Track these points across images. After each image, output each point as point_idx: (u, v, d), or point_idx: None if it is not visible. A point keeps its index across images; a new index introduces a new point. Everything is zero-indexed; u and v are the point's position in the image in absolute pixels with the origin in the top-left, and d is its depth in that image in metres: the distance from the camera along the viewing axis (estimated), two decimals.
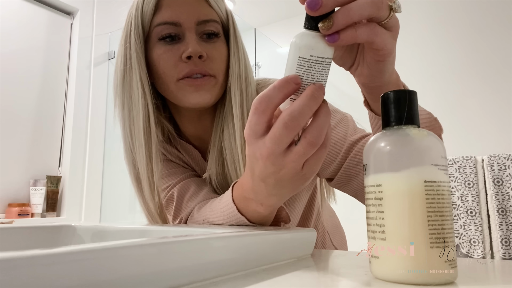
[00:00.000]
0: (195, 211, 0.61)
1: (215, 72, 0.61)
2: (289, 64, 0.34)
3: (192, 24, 0.60)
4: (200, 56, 0.59)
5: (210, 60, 0.61)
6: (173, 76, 0.60)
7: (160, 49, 0.61)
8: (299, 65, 0.33)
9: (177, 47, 0.60)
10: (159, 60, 0.61)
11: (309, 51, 0.33)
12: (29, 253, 0.18)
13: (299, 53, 0.33)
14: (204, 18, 0.61)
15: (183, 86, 0.60)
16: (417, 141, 0.29)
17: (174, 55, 0.60)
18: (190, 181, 0.67)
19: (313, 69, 0.33)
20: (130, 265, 0.23)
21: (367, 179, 0.31)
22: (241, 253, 0.32)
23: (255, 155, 0.37)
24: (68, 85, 2.10)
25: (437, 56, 2.29)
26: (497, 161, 1.92)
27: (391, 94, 0.31)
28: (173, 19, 0.60)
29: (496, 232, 1.88)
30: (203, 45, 0.61)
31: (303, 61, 0.33)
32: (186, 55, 0.58)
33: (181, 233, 0.39)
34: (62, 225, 0.54)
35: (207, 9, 0.62)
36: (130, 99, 0.62)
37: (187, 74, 0.59)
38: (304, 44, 0.33)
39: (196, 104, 0.61)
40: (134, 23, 0.61)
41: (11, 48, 1.87)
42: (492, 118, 2.08)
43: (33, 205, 1.85)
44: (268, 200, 0.42)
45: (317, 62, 0.33)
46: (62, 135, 2.06)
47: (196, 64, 0.59)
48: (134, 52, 0.61)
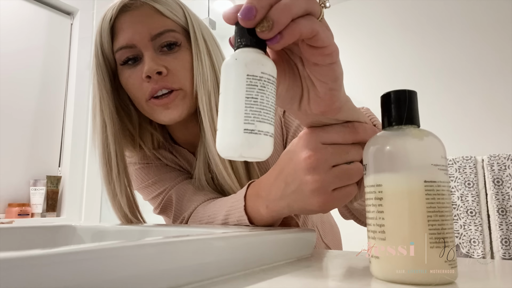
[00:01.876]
0: (200, 208, 0.60)
1: (180, 84, 0.60)
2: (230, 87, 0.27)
3: (146, 42, 0.59)
4: (159, 73, 0.58)
5: (172, 74, 0.60)
6: (141, 97, 0.61)
7: (125, 73, 0.62)
8: (249, 86, 0.27)
9: (138, 69, 0.60)
10: (127, 84, 0.62)
11: (260, 67, 0.27)
12: (29, 253, 0.18)
13: (246, 70, 0.27)
14: (157, 31, 0.60)
15: (152, 105, 0.60)
16: (417, 141, 0.29)
17: (136, 76, 0.60)
18: (187, 183, 0.67)
19: (267, 90, 0.28)
20: (130, 265, 0.23)
21: (367, 179, 0.31)
22: (241, 253, 0.32)
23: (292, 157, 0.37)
24: (68, 85, 2.10)
25: (437, 56, 2.29)
26: (497, 161, 1.92)
27: (391, 94, 0.31)
28: (127, 42, 0.60)
29: (496, 232, 1.88)
30: (163, 59, 0.60)
31: (254, 79, 0.27)
32: (144, 75, 0.58)
33: (181, 233, 0.39)
34: (62, 225, 0.54)
35: (159, 20, 0.61)
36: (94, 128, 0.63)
37: (151, 93, 0.59)
38: (251, 59, 0.27)
39: (169, 121, 0.61)
40: (96, 53, 0.63)
41: (11, 48, 1.87)
42: (492, 118, 2.08)
43: (33, 205, 1.85)
44: (276, 203, 0.42)
45: (269, 81, 0.28)
46: (62, 135, 2.06)
47: (157, 82, 0.59)
48: (96, 82, 0.62)
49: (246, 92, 0.27)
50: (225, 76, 0.28)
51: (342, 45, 2.79)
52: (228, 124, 0.27)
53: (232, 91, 0.27)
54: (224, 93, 0.28)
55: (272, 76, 0.28)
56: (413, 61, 2.35)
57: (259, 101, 0.27)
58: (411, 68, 2.35)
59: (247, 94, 0.27)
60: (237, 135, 0.27)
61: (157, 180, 0.69)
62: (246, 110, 0.27)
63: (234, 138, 0.27)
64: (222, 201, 0.55)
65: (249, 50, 0.28)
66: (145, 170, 0.71)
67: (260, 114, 0.27)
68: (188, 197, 0.64)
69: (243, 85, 0.27)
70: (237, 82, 0.27)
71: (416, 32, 2.38)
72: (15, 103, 1.86)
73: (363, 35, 2.56)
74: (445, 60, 2.27)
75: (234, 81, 0.27)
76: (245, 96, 0.27)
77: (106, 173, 0.61)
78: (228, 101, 0.27)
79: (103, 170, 0.62)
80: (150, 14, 0.60)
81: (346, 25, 2.64)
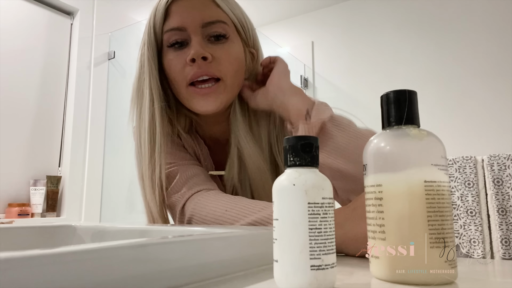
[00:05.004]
0: (212, 195, 0.60)
1: (221, 74, 0.61)
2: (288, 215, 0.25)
3: (197, 27, 0.61)
4: (205, 58, 0.59)
5: (216, 62, 0.61)
6: (182, 81, 0.62)
7: (169, 55, 0.63)
8: (312, 215, 0.24)
9: (184, 52, 0.61)
10: (169, 66, 0.63)
11: (320, 192, 0.25)
12: (29, 253, 0.18)
13: (307, 198, 0.25)
14: (209, 19, 0.61)
15: (192, 93, 0.61)
16: (417, 141, 0.29)
17: (181, 59, 0.61)
18: (197, 167, 0.67)
19: (329, 216, 0.25)
20: (130, 265, 0.23)
21: (367, 179, 0.31)
22: (241, 253, 0.32)
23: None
24: (68, 85, 2.10)
25: (437, 56, 2.29)
26: (497, 161, 1.92)
27: (391, 94, 0.31)
28: (178, 24, 0.61)
29: (496, 232, 1.87)
30: (209, 47, 0.61)
31: (316, 207, 0.25)
32: (189, 58, 0.59)
33: (181, 233, 0.39)
34: (62, 225, 0.54)
35: (213, 10, 0.62)
36: (141, 103, 0.64)
37: (193, 77, 0.60)
38: (312, 185, 0.25)
39: (205, 111, 0.62)
40: (148, 32, 0.64)
41: (11, 48, 1.87)
42: (492, 118, 2.08)
43: (33, 205, 1.85)
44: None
45: (330, 206, 0.26)
46: (62, 135, 2.06)
47: (200, 66, 0.60)
48: (146, 59, 0.63)
49: (309, 222, 0.24)
50: (281, 201, 0.25)
51: (343, 45, 2.77)
52: (291, 258, 0.25)
53: (291, 221, 0.25)
54: (282, 221, 0.25)
55: (331, 199, 0.26)
56: (413, 61, 2.35)
57: (322, 231, 0.25)
58: (411, 68, 2.34)
59: (310, 225, 0.24)
60: (304, 274, 0.24)
61: (169, 151, 0.67)
62: (311, 243, 0.24)
63: (301, 277, 0.24)
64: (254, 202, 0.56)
65: (305, 171, 0.26)
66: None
67: (325, 245, 0.25)
68: (196, 180, 0.64)
69: (305, 215, 0.24)
70: (297, 211, 0.25)
71: (416, 32, 2.37)
72: (15, 103, 1.86)
73: (363, 35, 2.56)
74: (445, 60, 2.27)
75: (294, 209, 0.25)
76: (308, 228, 0.24)
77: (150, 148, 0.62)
78: (288, 232, 0.25)
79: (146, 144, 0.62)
80: (206, 3, 0.62)
81: (346, 25, 2.64)
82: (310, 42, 2.74)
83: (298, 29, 2.83)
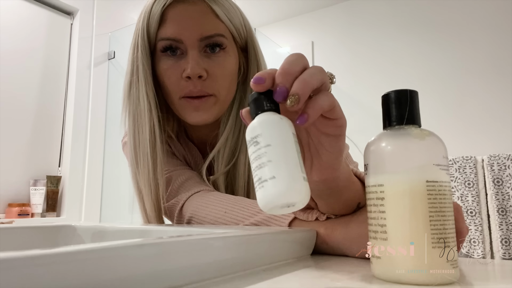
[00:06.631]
0: (210, 195, 0.60)
1: (215, 91, 0.61)
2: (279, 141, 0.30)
3: (194, 40, 0.60)
4: (200, 76, 0.59)
5: (210, 79, 0.60)
6: (176, 92, 0.61)
7: (164, 63, 0.62)
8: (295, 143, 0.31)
9: (179, 64, 0.60)
10: (164, 75, 0.62)
11: (292, 128, 0.31)
12: (29, 253, 0.18)
13: (291, 129, 0.31)
14: (207, 34, 0.60)
15: (184, 104, 0.61)
16: (418, 141, 0.29)
17: (176, 72, 0.60)
18: (190, 171, 0.67)
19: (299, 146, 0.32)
20: (130, 265, 0.23)
21: (368, 179, 0.31)
22: (241, 253, 0.32)
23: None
24: (68, 85, 2.10)
25: (438, 56, 2.29)
26: (497, 161, 1.92)
27: (392, 94, 0.31)
28: (175, 35, 0.60)
29: (496, 232, 1.87)
30: (204, 61, 0.60)
31: (295, 137, 0.31)
32: (185, 75, 0.59)
33: (181, 233, 0.39)
34: (62, 225, 0.54)
35: (212, 23, 0.61)
36: (137, 111, 0.63)
37: (187, 94, 0.60)
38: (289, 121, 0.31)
39: (196, 122, 0.62)
40: (141, 35, 0.61)
41: (11, 48, 1.87)
42: (492, 118, 2.08)
43: (33, 205, 1.85)
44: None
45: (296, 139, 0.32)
46: (62, 135, 2.06)
47: (195, 85, 0.59)
48: (140, 65, 0.61)
49: (296, 147, 0.30)
50: (273, 130, 0.30)
51: (343, 45, 2.77)
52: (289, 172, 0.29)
53: (284, 145, 0.30)
54: (275, 146, 0.30)
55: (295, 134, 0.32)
56: (413, 61, 2.35)
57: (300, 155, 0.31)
58: (411, 68, 2.35)
59: (297, 149, 0.30)
60: (301, 183, 0.29)
61: (165, 161, 0.67)
62: (300, 162, 0.30)
63: (299, 184, 0.29)
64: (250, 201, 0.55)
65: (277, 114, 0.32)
66: None
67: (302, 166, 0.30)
68: (190, 183, 0.64)
69: (293, 141, 0.30)
70: (287, 138, 0.30)
71: (416, 32, 2.37)
72: (15, 103, 1.86)
73: (363, 35, 2.56)
74: (445, 60, 2.27)
75: (286, 136, 0.30)
76: (297, 151, 0.30)
77: (151, 155, 0.61)
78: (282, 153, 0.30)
79: (148, 152, 0.61)
80: (205, 13, 0.60)
81: (346, 24, 2.64)
82: (310, 42, 2.74)
83: (298, 29, 2.83)
